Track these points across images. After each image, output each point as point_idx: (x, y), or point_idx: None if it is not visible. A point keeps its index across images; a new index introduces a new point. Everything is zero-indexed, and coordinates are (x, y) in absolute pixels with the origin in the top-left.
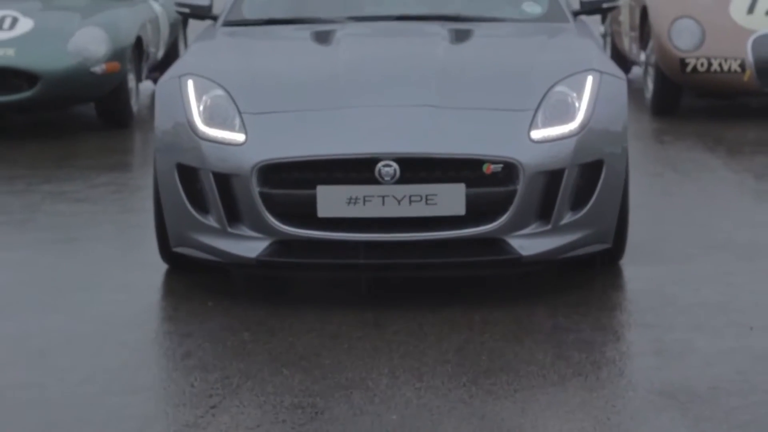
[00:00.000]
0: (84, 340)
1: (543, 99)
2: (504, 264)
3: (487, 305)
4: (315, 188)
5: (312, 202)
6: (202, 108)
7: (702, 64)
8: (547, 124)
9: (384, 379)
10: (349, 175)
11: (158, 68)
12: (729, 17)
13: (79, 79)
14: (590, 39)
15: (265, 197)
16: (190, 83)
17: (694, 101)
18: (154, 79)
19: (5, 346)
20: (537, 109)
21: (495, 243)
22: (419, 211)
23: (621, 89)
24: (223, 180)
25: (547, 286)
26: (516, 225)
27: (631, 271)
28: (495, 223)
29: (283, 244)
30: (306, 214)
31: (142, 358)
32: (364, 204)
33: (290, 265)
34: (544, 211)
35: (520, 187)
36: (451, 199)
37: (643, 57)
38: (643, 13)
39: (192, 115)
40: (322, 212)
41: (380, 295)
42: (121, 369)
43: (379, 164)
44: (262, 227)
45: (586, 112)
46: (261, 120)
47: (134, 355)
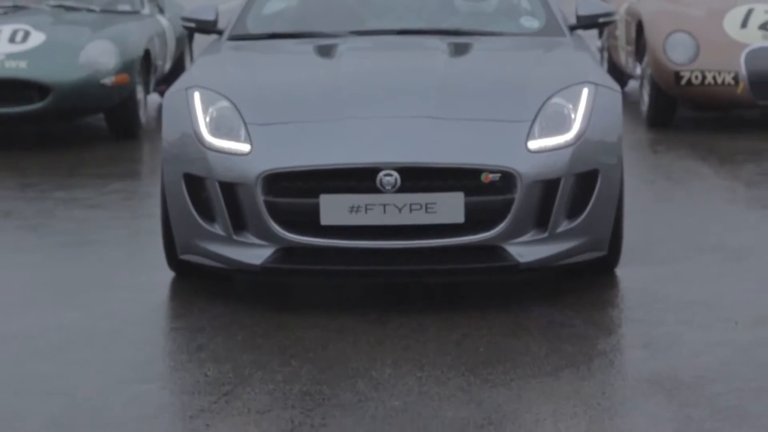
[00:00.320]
0: (99, 335)
1: (540, 110)
2: (502, 270)
3: (486, 304)
4: (318, 197)
5: (315, 211)
6: (208, 119)
7: (696, 77)
8: (543, 135)
9: (387, 369)
10: (351, 184)
11: (164, 81)
12: (723, 31)
13: (90, 90)
14: (586, 52)
15: (269, 206)
16: (197, 95)
17: (688, 113)
18: (161, 92)
19: (26, 341)
20: (534, 120)
21: (493, 250)
22: (419, 219)
23: (616, 101)
24: (229, 189)
25: (543, 285)
26: (514, 233)
27: (624, 272)
28: (493, 231)
29: (287, 252)
30: (309, 222)
31: (156, 352)
32: (366, 212)
33: (294, 272)
34: (541, 219)
35: (518, 195)
36: (450, 207)
37: (638, 70)
38: (639, 28)
39: (199, 126)
40: (325, 220)
41: (383, 297)
42: (136, 361)
43: (381, 174)
44: (267, 235)
45: (581, 123)
46: (266, 131)
47: (148, 348)
